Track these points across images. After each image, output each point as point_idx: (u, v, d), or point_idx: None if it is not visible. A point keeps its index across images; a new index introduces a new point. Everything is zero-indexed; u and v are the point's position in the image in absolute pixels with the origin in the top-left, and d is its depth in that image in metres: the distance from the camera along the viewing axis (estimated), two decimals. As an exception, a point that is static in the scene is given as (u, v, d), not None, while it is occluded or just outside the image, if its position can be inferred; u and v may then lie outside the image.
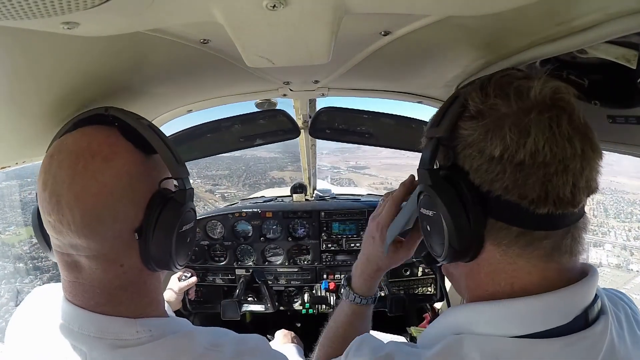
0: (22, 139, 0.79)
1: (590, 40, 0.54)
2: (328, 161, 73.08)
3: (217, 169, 32.26)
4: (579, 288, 0.47)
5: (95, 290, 0.59)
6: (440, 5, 0.54)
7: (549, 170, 0.43)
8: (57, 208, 0.54)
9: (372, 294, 0.84)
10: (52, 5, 0.39)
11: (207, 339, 0.61)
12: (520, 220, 0.46)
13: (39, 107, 0.72)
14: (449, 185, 0.50)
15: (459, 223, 0.48)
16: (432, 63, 1.00)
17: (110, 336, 0.57)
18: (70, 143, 0.59)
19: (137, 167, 0.60)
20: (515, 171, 0.44)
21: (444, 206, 0.49)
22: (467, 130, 0.49)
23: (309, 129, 1.58)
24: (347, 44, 0.82)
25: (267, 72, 1.06)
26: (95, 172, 0.55)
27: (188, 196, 0.64)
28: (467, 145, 0.49)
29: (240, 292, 1.82)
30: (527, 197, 0.44)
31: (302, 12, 0.51)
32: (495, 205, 0.47)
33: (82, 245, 0.56)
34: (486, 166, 0.46)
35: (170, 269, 0.64)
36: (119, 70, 0.79)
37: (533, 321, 0.46)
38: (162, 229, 0.59)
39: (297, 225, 1.97)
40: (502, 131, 0.45)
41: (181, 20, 0.56)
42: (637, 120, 0.67)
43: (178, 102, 1.31)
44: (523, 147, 0.43)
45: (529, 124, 0.44)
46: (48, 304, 0.65)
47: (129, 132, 0.61)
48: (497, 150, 0.45)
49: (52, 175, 0.56)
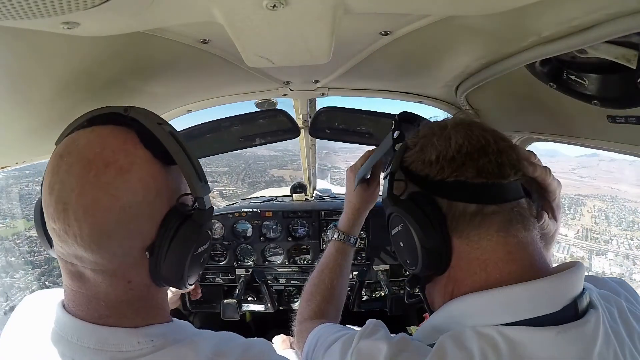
0: (21, 139, 0.79)
1: (590, 40, 0.55)
2: (328, 161, 72.06)
3: (216, 166, 32.00)
4: (567, 276, 0.49)
5: (100, 303, 0.55)
6: (440, 5, 0.54)
7: (473, 156, 0.55)
8: (64, 217, 0.50)
9: (354, 235, 0.99)
10: (52, 5, 0.39)
11: (211, 347, 0.58)
12: (466, 195, 0.54)
13: (38, 107, 0.72)
14: (407, 198, 0.59)
15: (422, 222, 0.55)
16: (432, 63, 1.00)
17: (110, 348, 0.53)
18: (82, 145, 0.53)
19: (154, 181, 0.54)
20: (451, 164, 0.55)
21: (407, 214, 0.57)
22: (409, 157, 0.60)
23: (309, 129, 1.58)
24: (347, 44, 0.82)
25: (267, 72, 1.06)
26: (109, 184, 0.50)
27: (207, 217, 0.59)
28: (411, 163, 0.60)
29: (240, 291, 1.82)
30: (464, 175, 0.54)
31: (302, 12, 0.51)
32: (444, 188, 0.55)
33: (88, 258, 0.52)
34: (428, 169, 0.57)
35: (179, 288, 0.61)
36: (119, 70, 0.79)
37: (523, 307, 0.48)
38: (177, 250, 0.55)
39: (297, 225, 1.97)
40: (432, 143, 0.58)
41: (181, 20, 0.56)
42: (637, 120, 0.67)
43: (178, 102, 1.31)
44: (450, 147, 0.56)
45: (449, 133, 0.57)
46: (41, 313, 0.61)
47: (149, 138, 0.55)
48: (433, 156, 0.56)
49: (59, 179, 0.50)
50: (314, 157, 1.99)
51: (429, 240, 0.55)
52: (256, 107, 1.46)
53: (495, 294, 0.50)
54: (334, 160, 23.71)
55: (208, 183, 0.61)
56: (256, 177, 33.54)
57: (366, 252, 1.97)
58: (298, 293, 2.00)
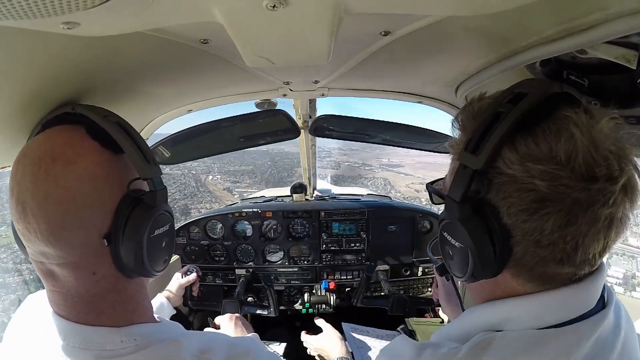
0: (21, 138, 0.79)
1: (590, 40, 0.54)
2: (359, 158, 70.32)
3: (240, 164, 31.14)
4: (600, 275, 0.51)
5: (74, 299, 0.57)
6: (440, 5, 0.54)
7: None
8: (24, 216, 0.52)
9: None
10: (52, 5, 0.39)
11: (196, 345, 0.59)
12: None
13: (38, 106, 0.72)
14: (480, 221, 0.50)
15: (486, 260, 0.50)
16: (432, 63, 1.00)
17: (95, 347, 0.55)
18: (34, 147, 0.56)
19: (102, 169, 0.56)
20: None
21: (473, 244, 0.50)
22: (510, 166, 0.47)
23: (309, 129, 1.58)
24: (347, 44, 0.82)
25: (267, 72, 1.06)
26: (57, 176, 0.52)
27: (160, 198, 0.60)
28: (505, 183, 0.48)
29: (240, 292, 1.83)
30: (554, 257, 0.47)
31: (302, 12, 0.51)
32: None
33: (51, 253, 0.54)
34: (523, 216, 0.47)
35: (147, 276, 0.62)
36: (119, 70, 0.79)
37: (569, 308, 0.50)
38: (131, 234, 0.56)
39: (297, 225, 1.97)
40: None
41: (181, 20, 0.55)
42: (637, 120, 0.67)
43: (178, 102, 1.31)
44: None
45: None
46: (40, 313, 0.63)
47: (96, 130, 0.58)
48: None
49: (17, 181, 0.53)
50: (314, 157, 1.99)
51: (484, 274, 0.52)
52: (256, 107, 1.46)
53: (541, 298, 0.51)
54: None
55: (159, 165, 0.63)
56: (282, 176, 32.12)
57: (366, 252, 1.97)
58: (298, 293, 2.00)
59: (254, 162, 32.29)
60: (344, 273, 1.98)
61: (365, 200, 2.13)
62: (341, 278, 1.98)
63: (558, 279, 0.50)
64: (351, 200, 2.13)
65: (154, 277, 0.65)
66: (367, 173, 57.13)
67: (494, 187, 0.49)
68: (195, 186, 41.60)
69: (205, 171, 43.66)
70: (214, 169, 32.89)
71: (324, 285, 1.91)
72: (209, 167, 40.86)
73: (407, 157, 69.10)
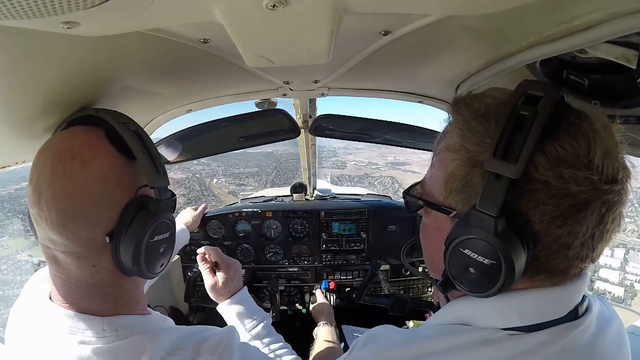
0: (20, 138, 0.79)
1: (590, 40, 0.54)
2: (364, 157, 69.42)
3: (245, 166, 30.95)
4: (580, 283, 0.52)
5: (71, 286, 0.61)
6: (440, 5, 0.54)
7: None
8: (38, 203, 0.57)
9: None
10: (52, 5, 0.39)
11: (171, 342, 0.62)
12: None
13: (39, 106, 0.72)
14: (513, 234, 0.46)
15: (517, 273, 0.46)
16: (432, 63, 1.00)
17: (79, 332, 0.59)
18: (57, 141, 0.61)
19: (115, 172, 0.60)
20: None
21: (510, 259, 0.46)
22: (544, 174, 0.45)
23: (309, 128, 1.58)
24: (347, 44, 0.82)
25: (267, 71, 1.06)
26: (73, 174, 0.57)
27: (163, 207, 0.64)
28: (537, 190, 0.45)
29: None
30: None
31: (302, 11, 0.51)
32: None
33: (57, 241, 0.58)
34: (558, 222, 0.46)
35: (142, 277, 0.65)
36: (119, 70, 0.79)
37: (541, 312, 0.50)
38: (132, 236, 0.60)
39: (297, 225, 1.97)
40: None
41: (181, 20, 0.56)
42: (637, 120, 0.67)
43: (178, 102, 1.31)
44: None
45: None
46: (41, 292, 0.68)
47: (114, 135, 0.62)
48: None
49: (37, 171, 0.58)
50: (314, 157, 1.99)
51: (505, 286, 0.48)
52: (256, 107, 1.46)
53: (515, 297, 0.51)
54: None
55: (167, 176, 0.67)
56: (287, 178, 31.50)
57: (366, 252, 1.97)
58: (298, 293, 2.00)
59: (259, 164, 32.09)
60: (344, 273, 1.98)
61: (366, 200, 2.13)
62: (341, 278, 1.98)
63: (570, 273, 0.51)
64: (351, 200, 2.13)
65: (149, 279, 0.68)
66: (373, 172, 56.67)
67: (525, 195, 0.45)
68: (200, 190, 41.31)
69: (209, 174, 43.24)
70: (218, 172, 32.68)
71: (324, 285, 1.90)
72: (214, 170, 40.59)
73: (413, 154, 66.22)
